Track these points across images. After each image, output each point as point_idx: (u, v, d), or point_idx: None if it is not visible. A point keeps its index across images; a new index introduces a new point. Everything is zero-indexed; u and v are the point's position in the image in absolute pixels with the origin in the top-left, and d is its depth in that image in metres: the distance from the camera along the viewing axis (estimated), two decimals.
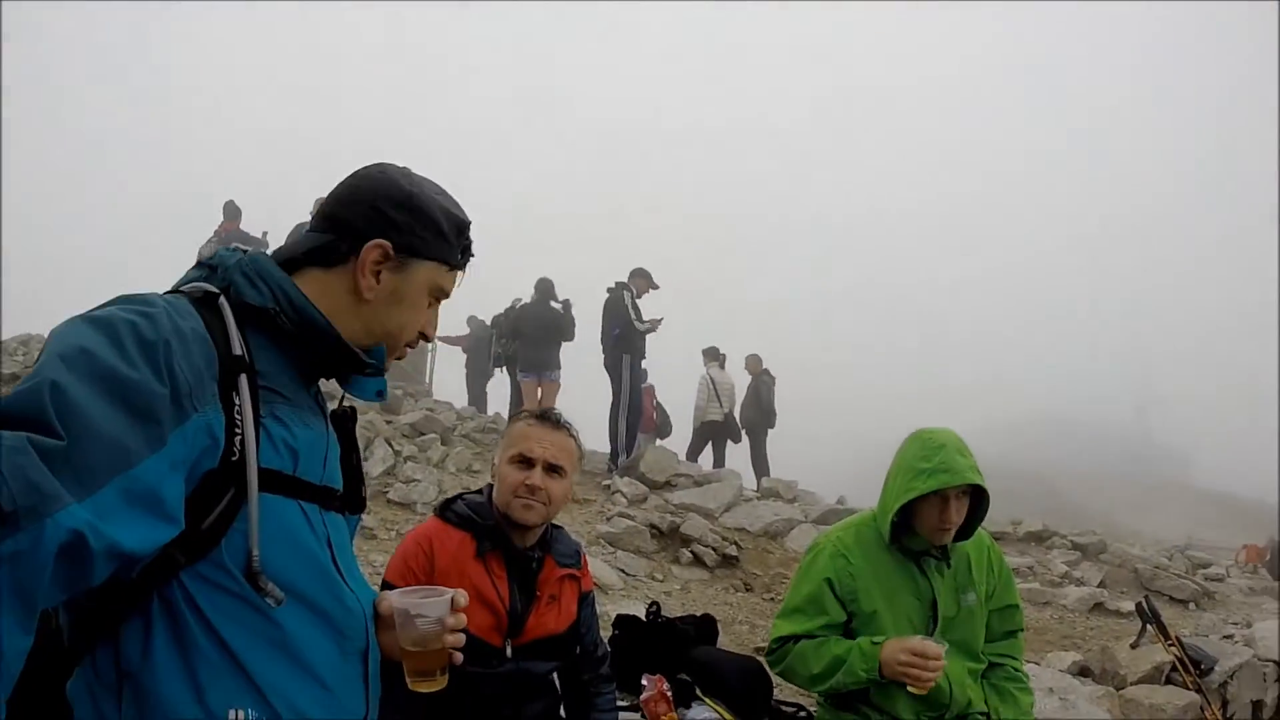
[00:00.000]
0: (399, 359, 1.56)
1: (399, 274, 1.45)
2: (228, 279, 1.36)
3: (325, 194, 1.51)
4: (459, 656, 1.53)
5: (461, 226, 1.52)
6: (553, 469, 2.53)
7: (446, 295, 1.53)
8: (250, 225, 12.71)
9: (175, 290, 1.35)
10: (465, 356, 16.48)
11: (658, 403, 14.79)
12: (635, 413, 10.74)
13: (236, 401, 1.25)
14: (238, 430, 1.25)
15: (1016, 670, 3.07)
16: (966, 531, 2.96)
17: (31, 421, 1.01)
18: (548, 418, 2.64)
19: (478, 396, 15.89)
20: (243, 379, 1.27)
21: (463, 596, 1.52)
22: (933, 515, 2.83)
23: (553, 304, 11.41)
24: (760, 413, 13.83)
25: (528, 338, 11.30)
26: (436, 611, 1.49)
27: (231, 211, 12.87)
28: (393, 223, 1.43)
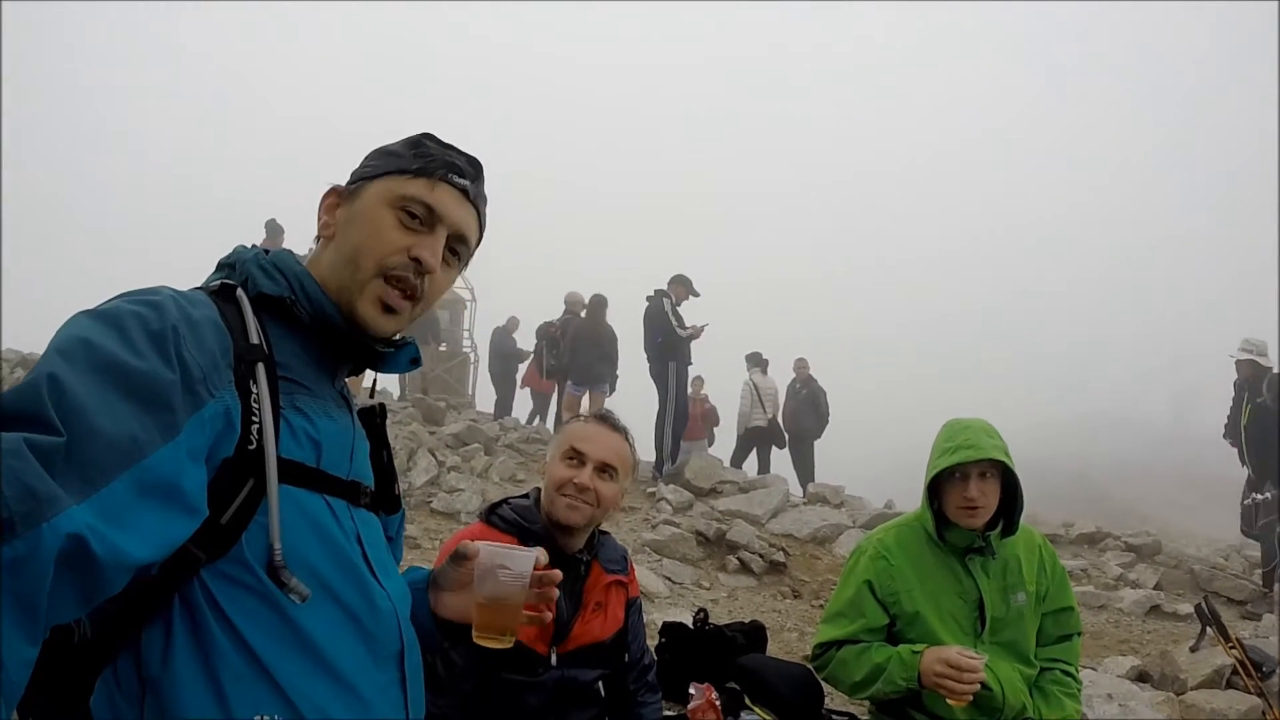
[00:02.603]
0: (407, 297, 1.37)
1: (351, 201, 1.41)
2: (245, 273, 1.35)
3: None
4: (548, 616, 1.54)
5: (414, 140, 1.43)
6: (604, 470, 2.47)
7: (425, 206, 1.38)
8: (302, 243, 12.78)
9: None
10: (487, 358, 16.78)
11: (710, 405, 15.05)
12: (681, 420, 10.82)
13: (254, 390, 1.20)
14: (255, 419, 1.19)
15: (1067, 675, 2.99)
16: (1010, 526, 2.91)
17: (28, 419, 0.95)
18: (605, 418, 2.58)
19: (505, 401, 16.22)
20: (260, 368, 1.22)
21: (544, 555, 1.51)
22: (957, 495, 2.79)
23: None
24: (817, 418, 13.83)
25: (586, 352, 11.71)
26: (521, 566, 1.43)
27: (273, 229, 12.88)
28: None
